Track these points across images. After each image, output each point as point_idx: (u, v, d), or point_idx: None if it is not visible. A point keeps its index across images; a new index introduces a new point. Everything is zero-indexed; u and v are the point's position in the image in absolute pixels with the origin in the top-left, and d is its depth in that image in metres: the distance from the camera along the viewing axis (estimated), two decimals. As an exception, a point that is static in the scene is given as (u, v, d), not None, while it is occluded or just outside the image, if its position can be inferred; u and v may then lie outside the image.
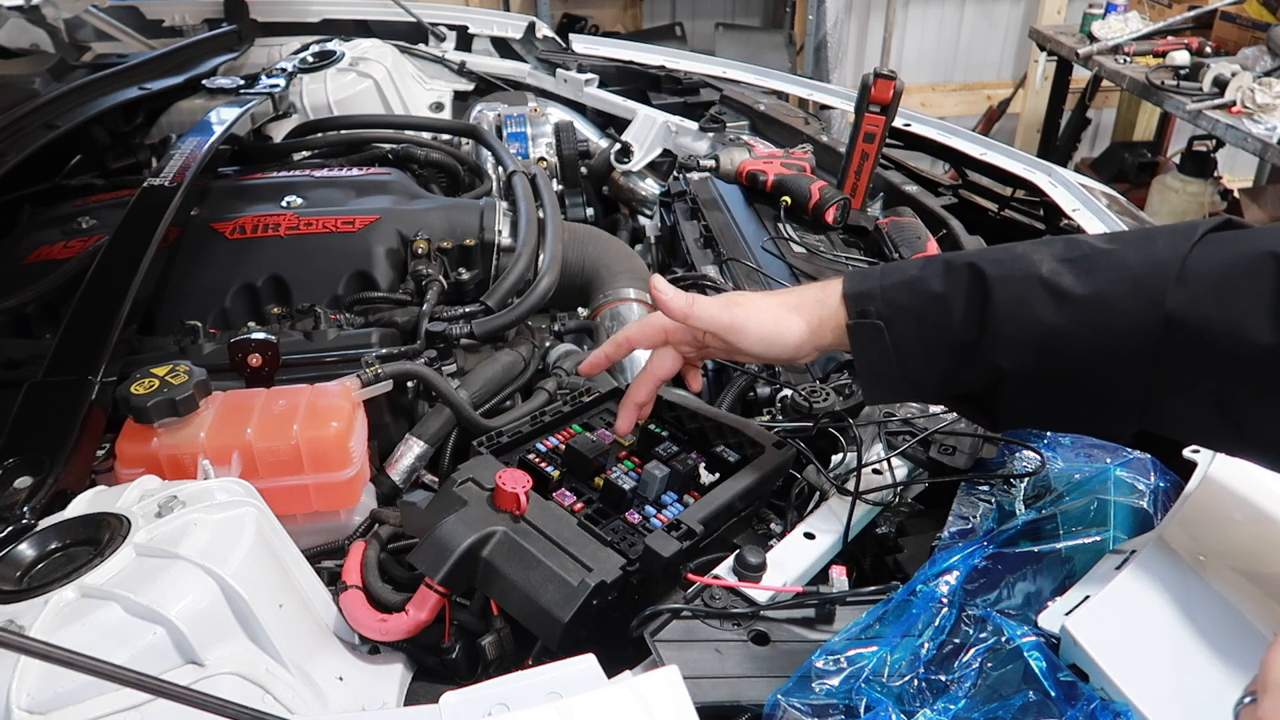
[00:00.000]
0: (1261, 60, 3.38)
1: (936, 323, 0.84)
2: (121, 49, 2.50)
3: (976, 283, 0.82)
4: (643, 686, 0.70)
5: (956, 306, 0.83)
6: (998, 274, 0.82)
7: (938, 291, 0.84)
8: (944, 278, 0.84)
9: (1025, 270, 0.81)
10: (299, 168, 1.77)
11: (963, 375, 0.85)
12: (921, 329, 0.84)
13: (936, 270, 0.85)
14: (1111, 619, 0.80)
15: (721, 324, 0.92)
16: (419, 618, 0.89)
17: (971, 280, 0.83)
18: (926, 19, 5.40)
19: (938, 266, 0.86)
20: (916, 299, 0.85)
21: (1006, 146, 1.86)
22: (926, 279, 0.85)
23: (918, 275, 0.86)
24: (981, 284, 0.82)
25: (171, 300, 1.34)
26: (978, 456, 1.05)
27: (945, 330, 0.83)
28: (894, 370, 0.86)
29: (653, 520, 0.92)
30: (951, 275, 0.84)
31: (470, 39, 2.67)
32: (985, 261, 0.83)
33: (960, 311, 0.82)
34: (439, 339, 1.28)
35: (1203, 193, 3.91)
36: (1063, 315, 0.79)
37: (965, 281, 0.83)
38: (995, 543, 0.92)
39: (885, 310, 0.86)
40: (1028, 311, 0.80)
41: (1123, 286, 0.77)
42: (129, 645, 0.72)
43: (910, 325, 0.85)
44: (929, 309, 0.84)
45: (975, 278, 0.83)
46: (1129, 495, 0.95)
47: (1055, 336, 0.79)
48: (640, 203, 2.11)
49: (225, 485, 0.89)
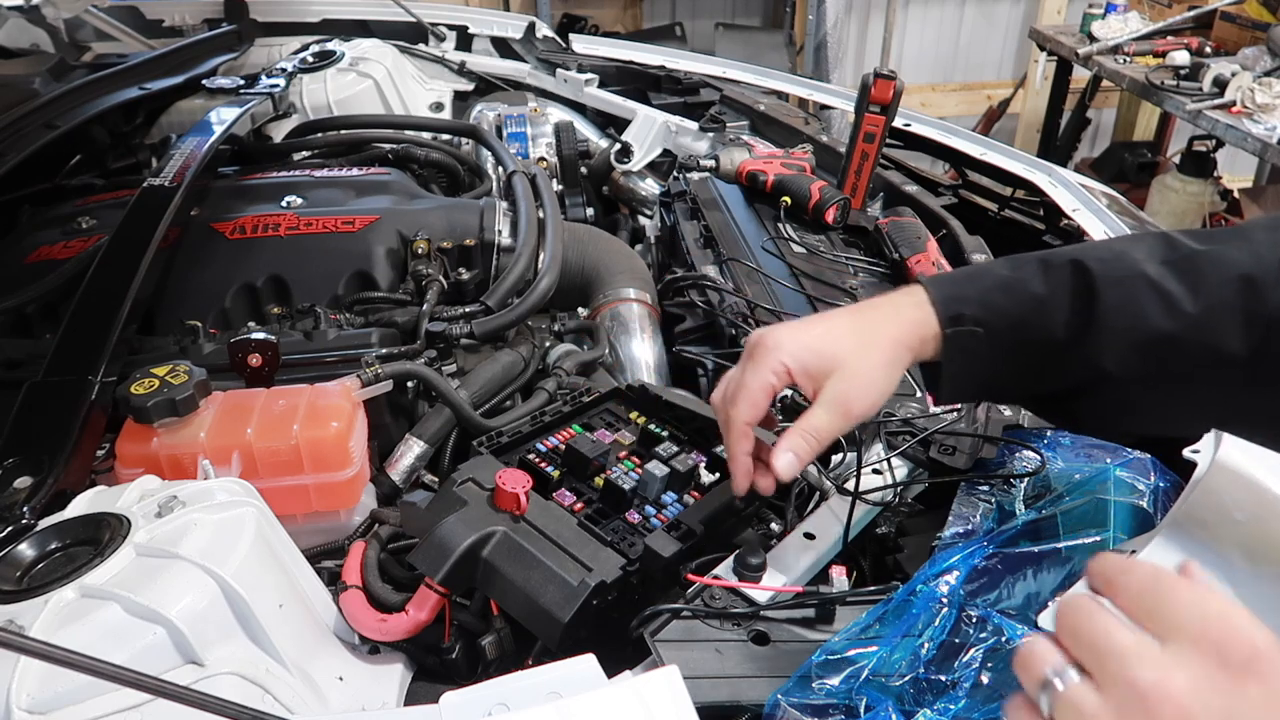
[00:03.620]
0: (1261, 60, 3.37)
1: (1036, 325, 0.81)
2: (121, 49, 2.50)
3: (1082, 282, 0.80)
4: (643, 686, 0.70)
5: (1059, 307, 0.80)
6: (1104, 273, 0.80)
7: (1038, 293, 0.81)
8: (1044, 278, 0.82)
9: (1130, 270, 0.80)
10: (299, 168, 1.77)
11: (1052, 377, 0.82)
12: (1020, 332, 0.81)
13: (1033, 270, 0.83)
14: (1111, 619, 0.80)
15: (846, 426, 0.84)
16: (419, 618, 0.89)
17: (1076, 280, 0.80)
18: (926, 19, 5.40)
19: (1033, 266, 0.83)
20: (1015, 301, 0.82)
21: (1006, 146, 1.86)
22: (1024, 280, 0.82)
23: (1011, 276, 0.83)
24: (1087, 283, 0.80)
25: (171, 300, 1.34)
26: (978, 456, 1.05)
27: (1045, 332, 0.81)
28: (983, 375, 0.83)
29: (653, 520, 0.93)
30: (1053, 275, 0.82)
31: (470, 39, 2.67)
32: (1089, 259, 0.81)
33: (1063, 313, 0.80)
34: (439, 339, 1.28)
35: (1203, 193, 3.91)
36: (1173, 320, 0.78)
37: (1069, 281, 0.81)
38: (995, 543, 0.92)
39: (983, 314, 0.82)
40: (1137, 314, 0.78)
41: (1229, 289, 0.77)
42: (129, 645, 0.72)
43: (1008, 329, 0.81)
44: (1030, 311, 0.81)
45: (1080, 277, 0.80)
46: (1129, 495, 0.95)
47: (1164, 341, 0.78)
48: (640, 203, 2.11)
49: (225, 485, 0.89)
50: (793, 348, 0.83)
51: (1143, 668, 0.47)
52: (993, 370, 0.83)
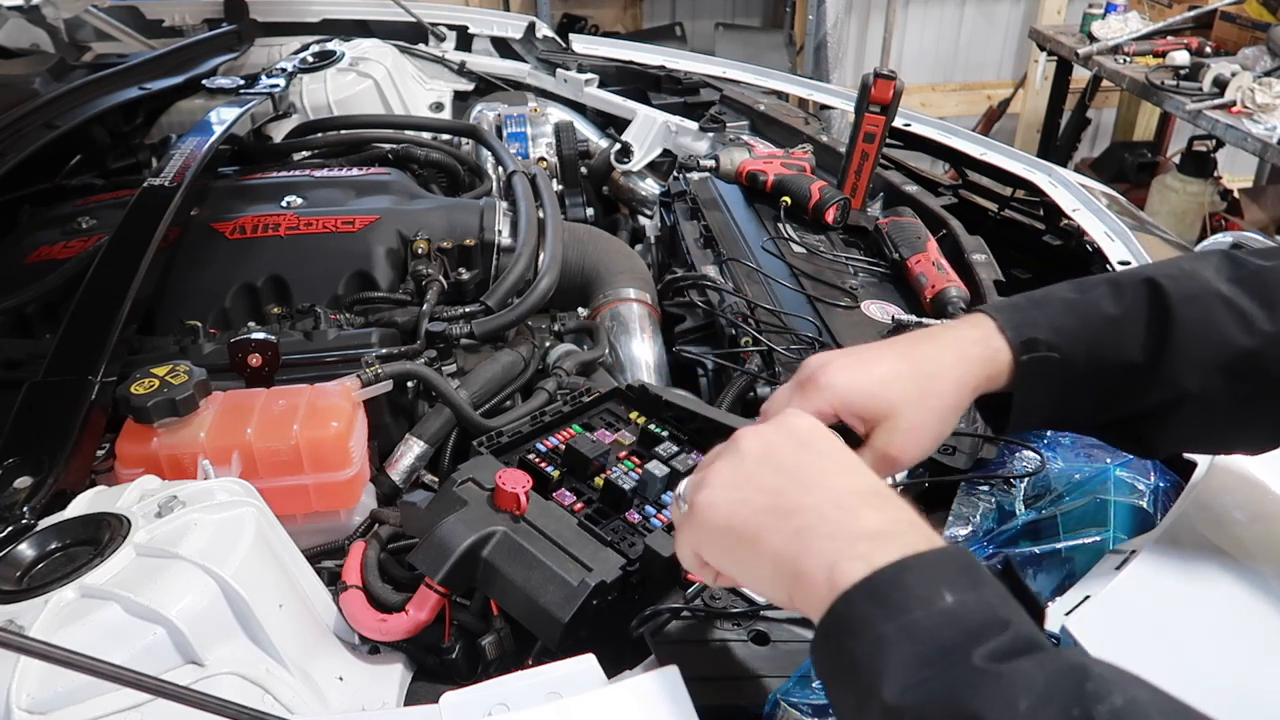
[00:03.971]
0: (1261, 60, 3.38)
1: (1111, 346, 0.79)
2: (121, 49, 2.50)
3: (1156, 301, 0.79)
4: (643, 686, 0.70)
5: (1134, 327, 0.79)
6: (1177, 291, 0.78)
7: (1111, 313, 0.79)
8: (1115, 298, 0.80)
9: (1203, 288, 0.79)
10: (299, 168, 1.77)
11: (1128, 401, 0.80)
12: (1095, 354, 0.79)
13: (1102, 291, 0.81)
14: (1111, 619, 0.80)
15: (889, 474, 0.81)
16: (419, 618, 0.89)
17: (1150, 298, 0.79)
18: (926, 19, 5.40)
19: (1102, 287, 0.82)
20: (1088, 323, 0.80)
21: (1006, 146, 1.86)
22: (1094, 301, 0.81)
23: (1080, 298, 0.82)
24: (1162, 302, 0.78)
25: (171, 300, 1.34)
26: (978, 456, 1.05)
27: (1121, 353, 0.79)
28: (1055, 402, 0.81)
29: (653, 520, 0.92)
30: (1124, 295, 0.80)
31: (470, 39, 2.67)
32: (1160, 277, 0.80)
33: (1139, 333, 0.78)
34: (439, 339, 1.28)
35: (1203, 193, 3.91)
36: (1251, 337, 0.77)
37: (1143, 300, 0.79)
38: (995, 543, 0.92)
39: (1055, 339, 0.79)
40: (1216, 332, 0.77)
41: None
42: (129, 645, 0.72)
43: (1082, 352, 0.79)
44: (1103, 332, 0.79)
45: (1153, 295, 0.79)
46: (1129, 495, 0.95)
47: (1245, 357, 0.77)
48: (640, 203, 2.11)
49: (225, 485, 0.89)
50: (845, 391, 0.79)
51: (714, 455, 0.70)
52: (1065, 397, 0.80)
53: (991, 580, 0.56)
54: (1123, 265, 1.40)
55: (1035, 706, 0.48)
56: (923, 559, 0.56)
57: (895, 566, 0.56)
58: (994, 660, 0.51)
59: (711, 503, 0.67)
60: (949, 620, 0.53)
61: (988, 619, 0.53)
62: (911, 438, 0.78)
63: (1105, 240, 1.48)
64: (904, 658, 0.52)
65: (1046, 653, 0.52)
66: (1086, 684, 0.49)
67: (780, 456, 0.66)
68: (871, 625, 0.54)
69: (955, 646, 0.52)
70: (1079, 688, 0.49)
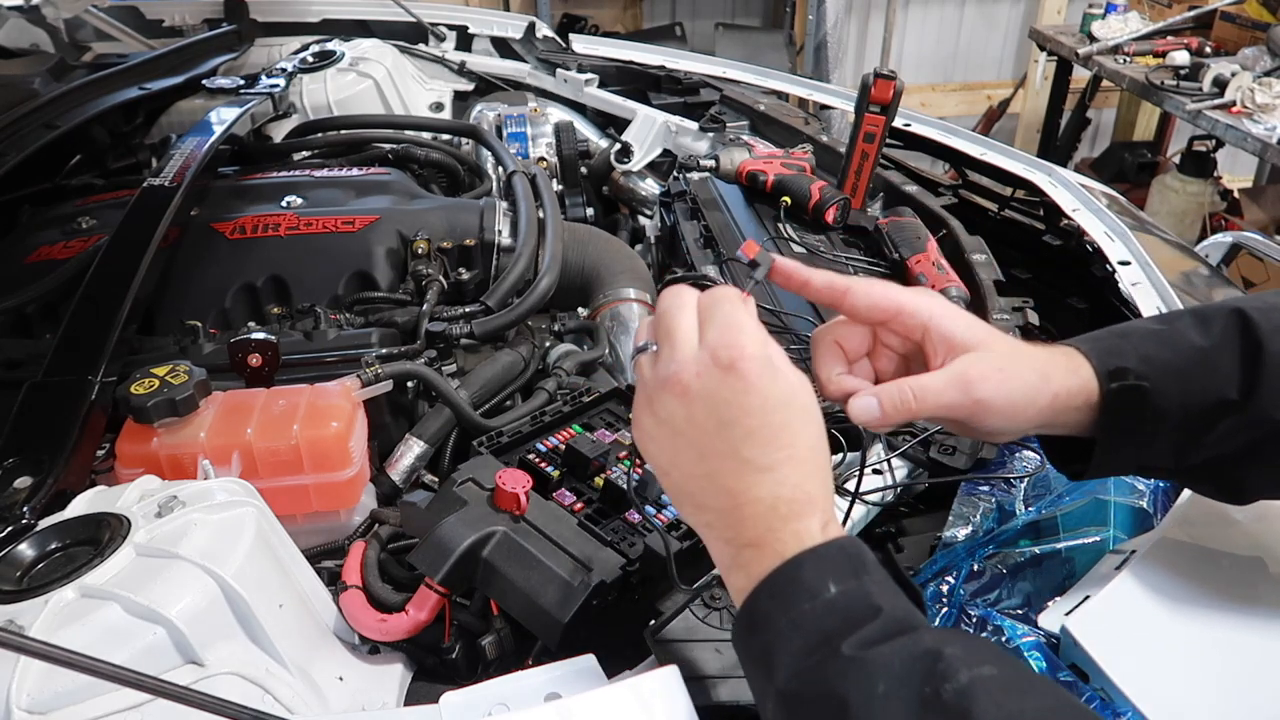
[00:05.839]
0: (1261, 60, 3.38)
1: (1201, 378, 0.74)
2: (121, 49, 2.49)
3: (1247, 333, 0.75)
4: (643, 686, 0.70)
5: (1225, 358, 0.75)
6: (1268, 323, 0.75)
7: (1200, 344, 0.75)
8: (1202, 329, 0.76)
9: None
10: (299, 168, 1.77)
11: (1214, 438, 0.75)
12: (1184, 386, 0.74)
13: (1186, 323, 0.78)
14: (1111, 619, 0.80)
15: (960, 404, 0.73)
16: (419, 618, 0.89)
17: (1241, 331, 0.75)
18: (926, 19, 5.40)
19: (1186, 319, 0.78)
20: (1176, 353, 0.75)
21: (1006, 146, 1.86)
22: (1181, 331, 0.77)
23: (1163, 329, 0.78)
24: (1252, 333, 0.75)
25: (171, 300, 1.34)
26: (978, 456, 1.05)
27: (1212, 385, 0.74)
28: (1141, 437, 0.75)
29: (653, 520, 0.92)
30: (1213, 326, 0.76)
31: (470, 39, 2.67)
32: (1248, 308, 0.76)
33: (1231, 364, 0.74)
34: (439, 339, 1.28)
35: (1203, 193, 3.91)
36: None
37: (1233, 330, 0.75)
38: (995, 543, 0.92)
39: (1144, 368, 0.74)
40: None
41: None
42: (129, 645, 0.72)
43: (1172, 383, 0.74)
44: (1193, 363, 0.75)
45: (1243, 326, 0.75)
46: (1129, 495, 0.95)
47: None
48: (640, 203, 2.11)
49: (225, 485, 0.89)
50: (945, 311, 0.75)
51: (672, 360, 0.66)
52: (1152, 435, 0.75)
53: (875, 568, 0.61)
54: (1123, 265, 1.40)
55: (891, 689, 0.54)
56: (815, 553, 0.61)
57: (791, 563, 0.61)
58: (861, 647, 0.56)
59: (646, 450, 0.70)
60: (830, 610, 0.58)
61: (864, 607, 0.58)
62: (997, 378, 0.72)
63: (1105, 240, 1.48)
64: (793, 648, 0.58)
65: (907, 636, 0.56)
66: (938, 665, 0.54)
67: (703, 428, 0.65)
68: (770, 620, 0.60)
69: (834, 634, 0.57)
70: (930, 669, 0.54)
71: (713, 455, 0.65)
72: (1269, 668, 0.77)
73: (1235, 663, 0.78)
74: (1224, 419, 0.74)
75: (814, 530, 0.62)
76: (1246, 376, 0.74)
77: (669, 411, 0.66)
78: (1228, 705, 0.75)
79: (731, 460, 0.64)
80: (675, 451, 0.67)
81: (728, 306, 0.68)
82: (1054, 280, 1.60)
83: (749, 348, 0.65)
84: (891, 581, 0.61)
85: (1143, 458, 0.78)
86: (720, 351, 0.65)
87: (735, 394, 0.64)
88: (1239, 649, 0.79)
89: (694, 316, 0.69)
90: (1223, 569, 0.85)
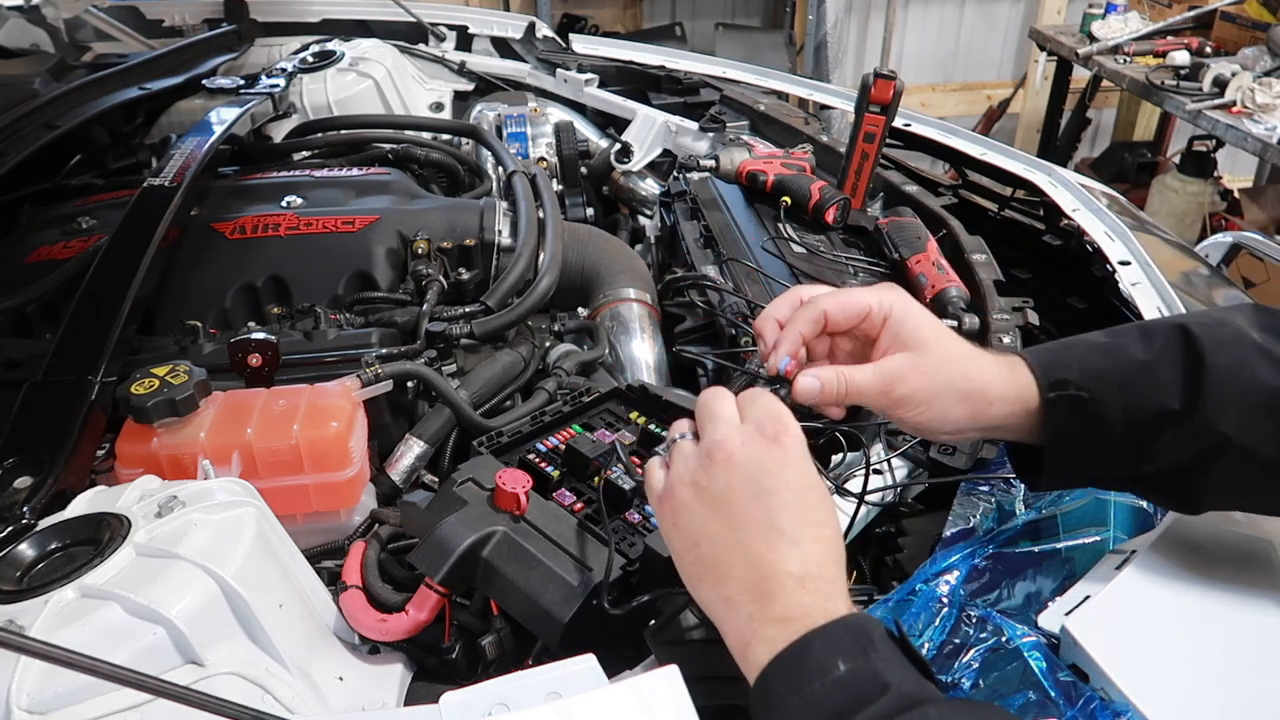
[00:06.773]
0: (1261, 60, 3.38)
1: (1143, 389, 0.77)
2: (121, 49, 2.50)
3: (1188, 346, 0.77)
4: (643, 686, 0.70)
5: (1166, 371, 0.77)
6: (1208, 336, 0.77)
7: (1142, 358, 0.78)
8: (1145, 343, 0.79)
9: (1235, 334, 0.78)
10: (299, 168, 1.77)
11: (1163, 449, 0.78)
12: (1126, 397, 0.77)
13: (1131, 337, 0.80)
14: (1111, 619, 0.80)
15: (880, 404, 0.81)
16: (419, 618, 0.89)
17: (1183, 344, 0.78)
18: (926, 19, 5.40)
19: (1132, 334, 0.81)
20: (1118, 365, 0.78)
21: (1006, 146, 1.86)
22: (1124, 345, 0.80)
23: (1108, 342, 0.81)
24: (1193, 347, 0.77)
25: (171, 300, 1.34)
26: (978, 456, 1.05)
27: (1154, 396, 0.77)
28: (1090, 447, 0.79)
29: (653, 520, 0.92)
30: (1155, 340, 0.79)
31: (470, 39, 2.67)
32: (1191, 324, 0.79)
33: (1172, 376, 0.77)
34: (439, 339, 1.28)
35: (1203, 193, 3.91)
36: None
37: (1175, 345, 0.78)
38: (995, 543, 0.92)
39: (1085, 380, 0.77)
40: (1251, 375, 0.76)
41: None
42: (129, 645, 0.72)
43: (1113, 394, 0.77)
44: (1134, 375, 0.78)
45: (1184, 339, 0.78)
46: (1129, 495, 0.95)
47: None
48: (640, 203, 2.11)
49: (225, 485, 0.89)
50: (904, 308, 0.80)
51: (718, 431, 0.70)
52: (1099, 446, 0.78)
53: (884, 643, 0.62)
54: (1123, 265, 1.40)
55: None
56: (823, 632, 0.62)
57: (800, 642, 0.62)
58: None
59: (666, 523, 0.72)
60: (839, 688, 0.60)
61: (872, 684, 0.59)
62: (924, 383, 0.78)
63: (1105, 240, 1.48)
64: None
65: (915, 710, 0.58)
66: None
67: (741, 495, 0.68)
68: (782, 698, 0.61)
69: (843, 712, 0.58)
70: None
71: (746, 523, 0.67)
72: (1269, 667, 0.77)
73: (1235, 662, 0.78)
74: (1168, 429, 0.77)
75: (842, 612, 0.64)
76: (1189, 388, 0.76)
77: (709, 478, 0.69)
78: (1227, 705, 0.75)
79: (765, 528, 0.66)
80: (709, 520, 0.68)
81: (768, 398, 0.73)
82: (1054, 280, 1.60)
83: (792, 427, 0.70)
84: (900, 655, 0.62)
85: (1095, 468, 0.81)
86: (766, 424, 0.70)
87: (777, 464, 0.68)
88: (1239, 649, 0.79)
89: (734, 404, 0.73)
90: (1223, 569, 0.85)
